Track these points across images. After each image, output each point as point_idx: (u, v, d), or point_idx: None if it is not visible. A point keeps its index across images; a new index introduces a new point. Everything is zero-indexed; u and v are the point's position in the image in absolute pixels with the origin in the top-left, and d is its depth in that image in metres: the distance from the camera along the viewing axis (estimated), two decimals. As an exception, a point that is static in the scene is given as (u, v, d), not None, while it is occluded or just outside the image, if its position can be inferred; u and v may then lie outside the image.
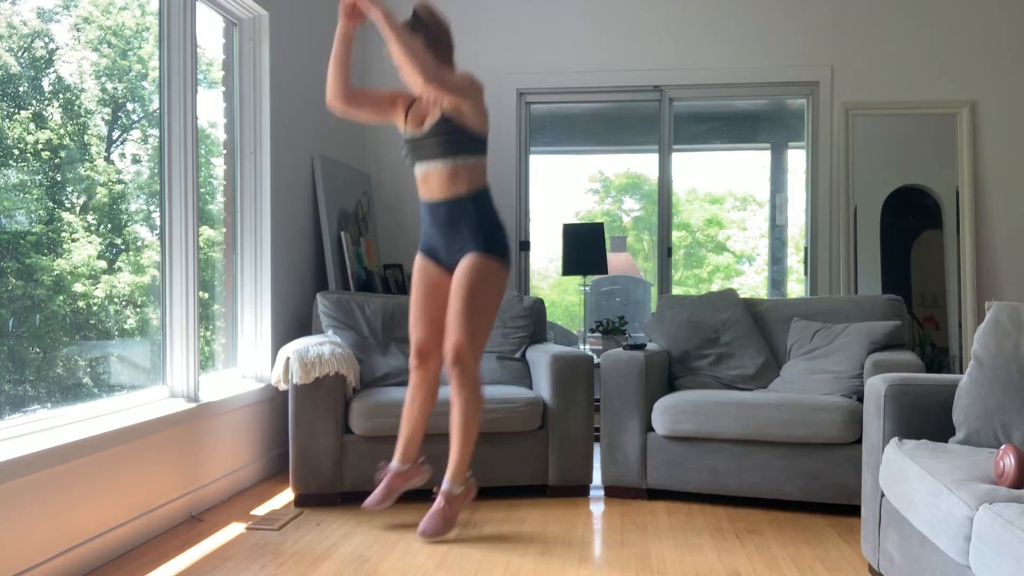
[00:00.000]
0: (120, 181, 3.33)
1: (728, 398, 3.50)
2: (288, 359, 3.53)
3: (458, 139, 2.97)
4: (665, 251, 5.26)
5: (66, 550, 2.60)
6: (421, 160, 3.06)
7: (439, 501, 3.03)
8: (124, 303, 3.31)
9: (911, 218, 5.00)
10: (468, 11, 5.27)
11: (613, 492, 3.67)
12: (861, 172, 5.00)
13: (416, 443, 3.27)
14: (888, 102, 4.99)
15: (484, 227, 3.03)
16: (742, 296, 4.17)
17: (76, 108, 3.11)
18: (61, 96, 3.05)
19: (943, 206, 4.94)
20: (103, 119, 3.30)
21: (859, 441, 3.32)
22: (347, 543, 3.02)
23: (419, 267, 3.20)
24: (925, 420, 2.51)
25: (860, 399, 3.47)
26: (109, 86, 3.31)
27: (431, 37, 3.00)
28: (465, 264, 3.02)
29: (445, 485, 3.04)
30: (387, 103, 3.17)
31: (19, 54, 2.86)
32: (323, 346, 3.52)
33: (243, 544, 3.01)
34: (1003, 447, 1.97)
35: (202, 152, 3.77)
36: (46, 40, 2.98)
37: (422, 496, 3.63)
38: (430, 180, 3.04)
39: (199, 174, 3.51)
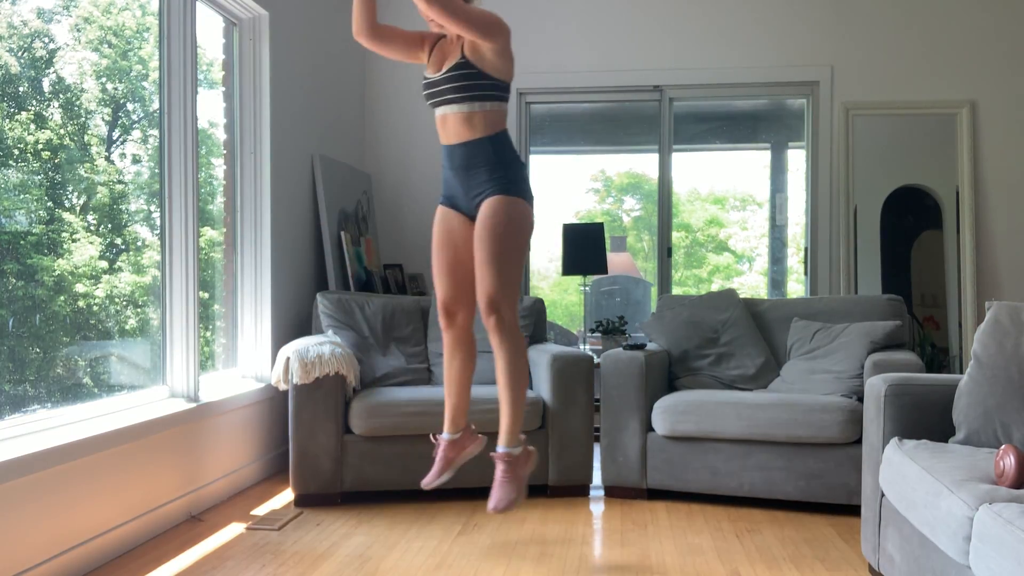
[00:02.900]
0: (120, 181, 3.33)
1: (728, 398, 3.50)
2: (288, 359, 3.53)
3: (475, 83, 2.79)
4: (665, 251, 5.26)
5: (66, 550, 2.60)
6: (438, 104, 2.88)
7: (500, 467, 2.79)
8: (124, 303, 3.31)
9: (911, 218, 5.00)
10: (468, 11, 5.26)
11: (613, 492, 3.67)
12: (861, 172, 5.00)
13: (463, 410, 3.05)
14: (888, 102, 4.99)
15: (502, 168, 2.83)
16: (742, 296, 4.17)
17: (76, 108, 3.11)
18: (61, 96, 3.05)
19: (943, 206, 4.94)
20: (103, 119, 3.30)
21: (859, 441, 3.32)
22: (347, 543, 3.02)
23: (439, 218, 3.00)
24: (925, 420, 2.51)
25: (860, 399, 3.47)
26: (109, 86, 3.31)
27: None
28: (487, 208, 2.81)
29: (501, 449, 2.80)
30: (414, 41, 2.97)
31: (19, 54, 2.86)
32: (323, 346, 3.52)
33: (243, 544, 3.01)
34: (1003, 447, 1.97)
35: (202, 152, 3.77)
36: (46, 40, 2.98)
37: (425, 496, 3.63)
38: (447, 124, 2.87)
39: (199, 174, 3.51)
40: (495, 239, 2.77)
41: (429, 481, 3.00)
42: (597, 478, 3.83)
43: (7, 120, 2.73)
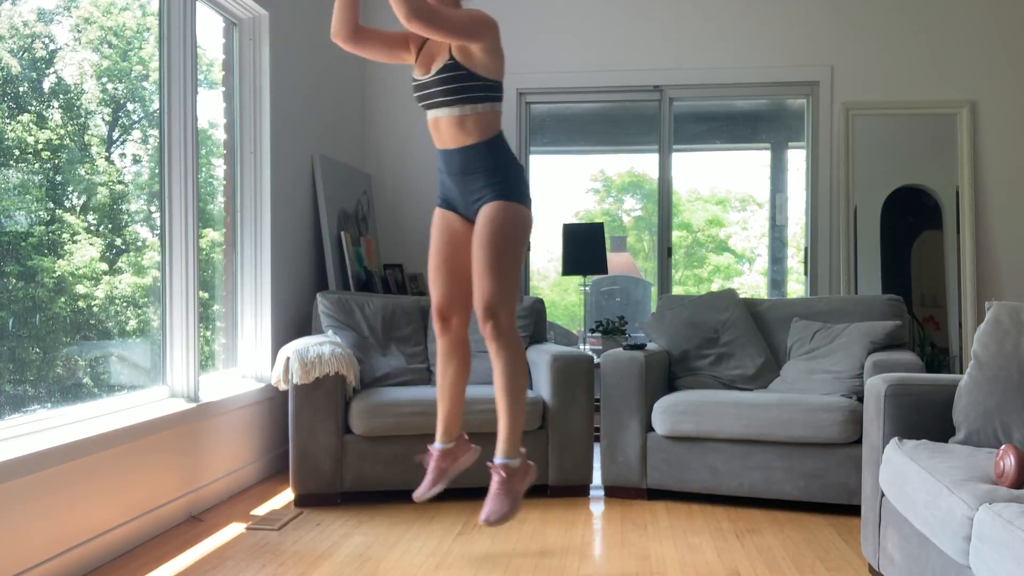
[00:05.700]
0: (120, 181, 3.33)
1: (728, 398, 3.50)
2: (288, 359, 3.53)
3: (466, 85, 2.69)
4: (665, 251, 5.26)
5: (66, 550, 2.60)
6: (429, 107, 2.80)
7: (496, 479, 2.69)
8: (125, 304, 3.31)
9: (911, 218, 5.00)
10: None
11: (613, 492, 3.67)
12: (861, 172, 5.00)
13: (457, 419, 2.96)
14: (888, 102, 4.99)
15: (500, 173, 2.75)
16: (742, 296, 4.17)
17: (76, 109, 3.12)
18: (61, 97, 3.05)
19: (943, 206, 4.94)
20: (103, 119, 3.30)
21: (859, 441, 3.32)
22: (347, 543, 3.02)
23: (437, 220, 2.93)
24: (925, 420, 2.51)
25: (860, 399, 3.47)
26: (110, 87, 3.31)
27: None
28: (486, 214, 2.74)
29: (499, 460, 2.70)
30: (398, 42, 2.85)
31: (20, 55, 2.86)
32: (323, 346, 3.52)
33: (243, 544, 3.01)
34: (1003, 447, 1.97)
35: (202, 152, 3.77)
36: (46, 41, 2.98)
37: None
38: (440, 128, 2.79)
39: (199, 174, 3.51)
40: (494, 245, 2.70)
41: (422, 493, 2.92)
42: (597, 478, 3.83)
43: (7, 120, 2.73)
